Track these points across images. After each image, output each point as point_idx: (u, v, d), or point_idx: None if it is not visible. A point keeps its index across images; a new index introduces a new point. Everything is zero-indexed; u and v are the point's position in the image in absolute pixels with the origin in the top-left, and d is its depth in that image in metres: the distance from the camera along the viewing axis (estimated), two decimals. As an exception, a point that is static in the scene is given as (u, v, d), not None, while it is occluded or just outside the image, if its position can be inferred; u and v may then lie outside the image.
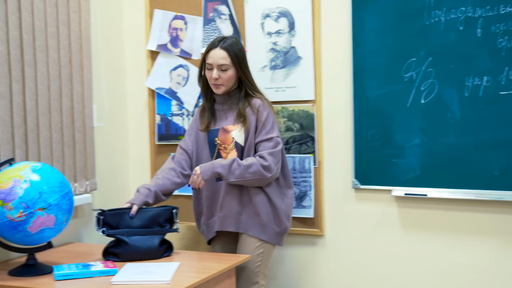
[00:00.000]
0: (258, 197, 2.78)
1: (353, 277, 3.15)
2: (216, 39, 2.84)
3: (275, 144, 2.76)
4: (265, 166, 2.72)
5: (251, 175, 2.71)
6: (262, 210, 2.79)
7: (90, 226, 3.25)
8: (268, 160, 2.72)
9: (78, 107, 3.10)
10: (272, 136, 2.77)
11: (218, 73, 2.79)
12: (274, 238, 2.83)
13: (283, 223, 2.82)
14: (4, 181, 2.41)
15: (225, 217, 2.84)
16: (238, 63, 2.80)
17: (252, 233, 2.81)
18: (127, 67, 3.60)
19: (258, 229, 2.80)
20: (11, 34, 2.71)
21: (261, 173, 2.71)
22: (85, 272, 2.42)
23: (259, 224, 2.80)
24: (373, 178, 3.04)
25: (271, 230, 2.82)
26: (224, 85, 2.81)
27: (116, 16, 3.53)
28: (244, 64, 2.83)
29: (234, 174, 2.71)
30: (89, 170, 3.16)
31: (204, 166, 2.75)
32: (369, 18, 3.01)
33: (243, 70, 2.82)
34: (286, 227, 2.85)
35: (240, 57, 2.81)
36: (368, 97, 3.04)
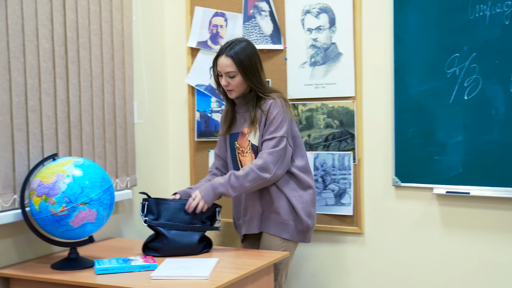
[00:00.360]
0: (277, 197, 2.78)
1: (393, 276, 3.12)
2: (225, 44, 2.81)
3: (276, 143, 2.72)
4: (261, 167, 2.69)
5: (251, 183, 2.70)
6: (281, 209, 2.78)
7: (130, 221, 3.30)
8: (264, 159, 2.69)
9: (120, 104, 3.14)
10: (275, 135, 2.73)
11: (227, 80, 2.79)
12: (296, 235, 2.82)
13: (303, 221, 2.79)
14: (48, 176, 2.46)
15: (249, 220, 2.86)
16: (243, 70, 2.76)
17: (273, 231, 2.81)
18: (167, 64, 3.63)
19: (279, 227, 2.80)
20: (55, 31, 2.76)
21: (260, 177, 2.69)
22: (125, 267, 2.45)
23: (280, 223, 2.79)
24: (414, 176, 3.00)
25: (292, 228, 2.80)
26: (235, 90, 2.81)
27: (157, 14, 3.57)
28: (251, 70, 2.77)
29: (235, 187, 2.70)
30: (129, 166, 3.20)
31: (204, 190, 2.73)
32: (411, 13, 2.97)
33: (248, 76, 2.76)
34: (308, 225, 2.81)
35: (245, 64, 2.75)
36: (410, 93, 3.00)
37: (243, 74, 2.76)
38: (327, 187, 3.19)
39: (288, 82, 3.28)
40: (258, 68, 2.80)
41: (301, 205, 2.79)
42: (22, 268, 2.55)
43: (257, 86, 2.79)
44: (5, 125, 2.52)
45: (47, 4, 2.72)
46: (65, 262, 2.55)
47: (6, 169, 2.53)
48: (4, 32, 2.52)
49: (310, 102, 3.23)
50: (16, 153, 2.57)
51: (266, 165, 2.69)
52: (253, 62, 2.78)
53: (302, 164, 2.83)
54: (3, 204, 2.51)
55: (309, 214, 2.82)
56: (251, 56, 2.78)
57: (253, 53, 2.79)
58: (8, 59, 2.54)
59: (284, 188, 2.78)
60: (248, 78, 2.76)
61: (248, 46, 2.80)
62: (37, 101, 2.67)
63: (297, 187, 2.81)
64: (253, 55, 2.79)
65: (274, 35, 3.30)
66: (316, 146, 3.22)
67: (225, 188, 2.71)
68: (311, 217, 2.83)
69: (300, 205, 2.79)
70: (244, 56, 2.76)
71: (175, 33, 3.59)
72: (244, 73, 2.75)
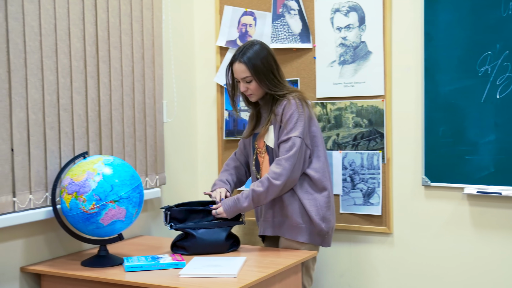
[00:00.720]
0: (290, 201, 2.76)
1: (422, 277, 3.09)
2: (237, 49, 2.80)
3: (292, 144, 2.69)
4: (276, 173, 2.67)
5: (271, 196, 2.71)
6: (294, 212, 2.75)
7: (159, 219, 3.32)
8: (282, 166, 2.67)
9: (150, 103, 3.17)
10: (290, 136, 2.70)
11: (245, 85, 2.78)
12: (313, 239, 2.78)
13: (317, 224, 2.75)
14: (78, 174, 2.49)
15: (264, 222, 2.85)
16: (257, 74, 2.74)
17: (288, 235, 2.79)
18: (196, 63, 3.65)
19: (293, 231, 2.78)
20: (87, 31, 2.79)
21: (277, 188, 2.68)
22: (154, 264, 2.47)
23: (294, 226, 2.77)
24: (444, 175, 2.97)
25: (307, 231, 2.77)
26: (254, 94, 2.80)
27: (187, 13, 3.59)
28: (265, 73, 2.75)
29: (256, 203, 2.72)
30: (159, 165, 3.23)
31: (228, 206, 2.74)
32: (442, 10, 2.94)
33: (263, 80, 2.75)
34: (322, 229, 2.76)
35: (259, 67, 2.74)
36: (440, 92, 2.96)
37: (257, 78, 2.75)
38: (356, 186, 3.18)
39: (317, 81, 3.27)
40: (273, 70, 2.78)
41: (314, 208, 2.75)
42: (53, 264, 2.59)
43: (272, 89, 2.77)
44: (37, 124, 2.56)
45: (79, 4, 2.75)
46: (95, 259, 2.58)
47: (38, 167, 2.57)
48: (37, 31, 2.56)
49: (339, 101, 3.21)
50: (48, 151, 2.61)
51: (282, 172, 2.67)
52: (266, 65, 2.76)
53: (319, 165, 2.79)
54: (35, 201, 2.55)
55: (323, 217, 2.76)
56: (265, 59, 2.76)
57: (266, 55, 2.77)
58: (41, 58, 2.58)
59: (298, 190, 2.76)
60: (262, 82, 2.75)
61: (261, 48, 2.78)
62: (69, 99, 2.71)
63: (311, 190, 2.77)
64: (266, 57, 2.77)
65: (303, 33, 3.29)
66: (345, 146, 3.20)
67: (248, 206, 2.72)
68: (326, 220, 2.77)
69: (313, 208, 2.75)
70: (257, 59, 2.74)
71: (204, 32, 3.61)
72: (258, 78, 2.74)
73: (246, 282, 2.28)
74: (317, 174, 2.77)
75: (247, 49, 2.77)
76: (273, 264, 2.52)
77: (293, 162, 2.68)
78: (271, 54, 2.80)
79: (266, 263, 2.55)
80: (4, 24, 2.42)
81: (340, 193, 3.21)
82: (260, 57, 2.75)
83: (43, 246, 2.66)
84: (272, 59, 2.79)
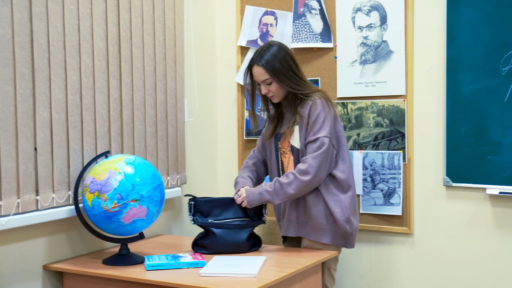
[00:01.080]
0: (314, 202, 2.75)
1: (443, 278, 3.07)
2: (255, 53, 2.79)
3: (320, 144, 2.68)
4: (302, 171, 2.67)
5: (295, 190, 2.68)
6: (318, 214, 2.74)
7: (179, 219, 3.34)
8: (308, 163, 2.66)
9: (171, 102, 3.19)
10: (318, 136, 2.69)
11: (266, 87, 2.78)
12: (336, 240, 2.78)
13: (341, 226, 2.74)
14: (100, 173, 2.52)
15: (287, 222, 2.85)
16: (277, 75, 2.73)
17: (312, 237, 2.78)
18: (217, 63, 3.66)
19: (317, 232, 2.77)
20: (109, 31, 2.82)
21: (302, 182, 2.67)
22: (175, 263, 2.49)
23: (317, 228, 2.76)
24: (466, 176, 2.95)
25: (331, 233, 2.76)
26: (276, 95, 2.80)
27: (208, 13, 3.60)
28: (284, 74, 2.73)
29: (279, 195, 2.70)
30: (179, 164, 3.25)
31: (250, 191, 2.75)
32: (465, 9, 2.92)
33: (283, 81, 2.74)
34: (346, 230, 2.75)
35: (278, 69, 2.73)
36: (462, 91, 2.94)
37: (277, 80, 2.74)
38: (376, 186, 3.16)
39: (337, 81, 3.26)
40: (292, 70, 2.77)
41: (339, 210, 2.73)
42: (75, 262, 2.62)
43: (294, 88, 2.76)
44: (60, 123, 2.59)
45: (102, 4, 2.78)
46: (116, 257, 2.60)
47: (61, 166, 2.60)
48: (61, 32, 2.59)
49: (360, 100, 3.20)
50: (70, 150, 2.64)
51: (308, 169, 2.66)
52: (285, 65, 2.75)
53: (344, 166, 2.78)
54: (57, 200, 2.58)
55: (348, 219, 2.75)
56: (283, 59, 2.75)
57: (284, 56, 2.76)
58: (64, 58, 2.60)
59: (323, 191, 2.74)
60: (284, 82, 2.74)
61: (279, 49, 2.77)
62: (91, 99, 2.73)
63: (337, 191, 2.76)
64: (284, 58, 2.75)
65: (324, 33, 3.29)
66: (366, 145, 3.19)
67: (271, 196, 2.71)
68: (350, 222, 2.75)
69: (338, 210, 2.73)
70: (275, 61, 2.73)
71: (225, 32, 3.62)
72: (278, 78, 2.73)
73: (266, 282, 2.28)
74: (343, 175, 2.76)
75: (264, 51, 2.76)
76: (293, 264, 2.52)
77: (320, 161, 2.67)
78: (289, 54, 2.79)
79: (286, 263, 2.55)
80: (28, 25, 2.45)
81: (361, 193, 3.20)
82: (278, 58, 2.74)
83: (65, 244, 2.69)
84: (291, 58, 2.78)
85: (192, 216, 2.74)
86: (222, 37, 3.64)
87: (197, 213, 2.76)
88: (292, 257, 2.65)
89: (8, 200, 2.37)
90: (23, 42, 2.43)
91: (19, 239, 2.48)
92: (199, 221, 2.74)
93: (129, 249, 2.65)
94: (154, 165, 3.02)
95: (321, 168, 2.68)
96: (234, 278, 2.33)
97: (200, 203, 2.77)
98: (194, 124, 3.44)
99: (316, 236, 2.77)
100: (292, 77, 2.75)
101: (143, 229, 2.59)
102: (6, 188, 2.37)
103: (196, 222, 2.74)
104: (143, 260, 2.58)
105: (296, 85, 2.76)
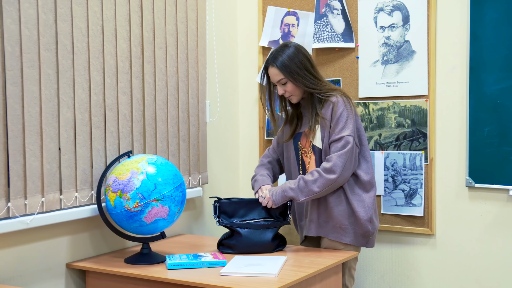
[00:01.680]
0: (337, 202, 2.74)
1: (464, 280, 3.05)
2: (269, 54, 2.81)
3: (345, 143, 2.68)
4: (327, 169, 2.66)
5: (320, 188, 2.68)
6: (340, 214, 2.74)
7: (201, 218, 3.36)
8: (333, 161, 2.66)
9: (193, 102, 3.21)
10: (342, 135, 2.69)
11: (282, 87, 2.78)
12: (357, 240, 2.77)
13: (364, 226, 2.73)
14: (123, 172, 2.54)
15: (309, 223, 2.84)
16: (291, 75, 2.73)
17: (332, 237, 2.78)
18: (239, 63, 3.67)
19: (338, 232, 2.77)
20: (132, 32, 2.84)
21: (328, 181, 2.66)
22: (196, 263, 2.50)
23: (338, 228, 2.76)
24: (489, 177, 2.92)
25: (353, 233, 2.76)
26: (293, 95, 2.80)
27: (230, 14, 3.61)
28: (299, 73, 2.73)
29: (304, 192, 2.70)
30: (201, 164, 3.26)
31: (274, 190, 2.75)
32: (489, 8, 2.89)
33: (298, 80, 2.73)
34: (368, 230, 2.75)
35: (292, 68, 2.73)
36: (485, 91, 2.92)
37: (291, 79, 2.74)
38: (398, 187, 3.15)
39: (359, 81, 3.25)
40: (308, 69, 2.76)
41: (362, 210, 2.73)
42: (97, 261, 2.65)
43: (311, 88, 2.75)
44: (84, 123, 2.62)
45: (125, 6, 2.81)
46: (138, 256, 2.63)
47: (84, 165, 2.63)
48: (85, 33, 2.62)
49: (382, 101, 3.19)
50: (93, 150, 2.67)
51: (333, 168, 2.66)
52: (299, 65, 2.74)
53: (366, 166, 2.78)
54: (80, 199, 2.62)
55: (370, 219, 2.74)
56: (297, 59, 2.74)
57: (298, 55, 2.75)
58: (88, 59, 2.63)
59: (348, 191, 2.74)
60: (298, 81, 2.74)
61: (293, 49, 2.77)
62: (114, 99, 2.76)
63: (360, 190, 2.76)
64: (298, 57, 2.75)
65: (345, 33, 3.28)
66: (387, 146, 3.18)
67: (295, 193, 2.71)
68: (372, 222, 2.76)
69: (361, 209, 2.73)
70: (289, 61, 2.73)
71: (247, 32, 3.63)
72: (293, 77, 2.73)
73: (287, 282, 2.29)
74: (367, 176, 2.76)
75: (278, 52, 2.77)
76: (313, 264, 2.52)
77: (345, 159, 2.67)
78: (304, 54, 2.79)
79: (307, 263, 2.55)
80: (53, 26, 2.49)
81: (382, 194, 3.19)
82: (292, 58, 2.74)
83: (88, 243, 2.73)
84: (305, 58, 2.77)
85: (217, 218, 2.76)
86: (244, 37, 3.65)
87: (222, 214, 2.78)
88: (312, 257, 2.65)
89: (32, 199, 2.41)
90: (48, 43, 2.47)
91: (43, 237, 2.52)
92: (225, 222, 2.75)
93: (150, 248, 2.67)
94: (176, 165, 3.04)
95: (346, 167, 2.68)
96: (254, 278, 2.34)
97: (224, 204, 2.78)
98: (216, 124, 3.46)
99: (338, 236, 2.77)
100: (307, 76, 2.75)
101: (164, 228, 2.61)
102: (31, 187, 2.40)
103: (221, 223, 2.75)
104: (164, 259, 2.60)
105: (312, 84, 2.75)
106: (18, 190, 2.36)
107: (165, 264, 2.55)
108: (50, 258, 2.56)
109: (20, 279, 2.43)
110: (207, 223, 3.38)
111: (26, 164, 2.39)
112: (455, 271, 3.07)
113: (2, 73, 2.30)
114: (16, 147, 2.35)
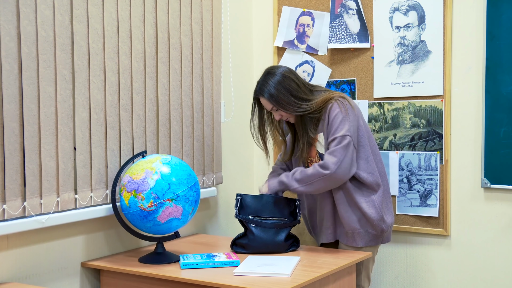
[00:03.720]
0: (346, 208, 2.74)
1: (480, 281, 3.02)
2: (257, 82, 2.82)
3: (338, 142, 2.67)
4: (321, 164, 2.68)
5: (312, 177, 2.68)
6: (351, 219, 2.74)
7: (215, 218, 3.37)
8: (325, 158, 2.68)
9: (208, 103, 3.22)
10: (335, 136, 2.68)
11: (277, 113, 2.81)
12: (372, 241, 2.77)
13: (377, 226, 2.74)
14: (137, 172, 2.56)
15: (324, 229, 2.85)
16: (280, 105, 2.74)
17: (347, 242, 2.79)
18: (254, 63, 3.67)
19: (350, 237, 2.77)
20: (147, 32, 2.86)
21: (320, 173, 2.66)
22: (209, 262, 2.51)
23: (352, 233, 2.76)
24: (505, 177, 2.90)
25: (366, 235, 2.76)
26: (290, 117, 2.82)
27: (245, 14, 3.62)
28: (286, 101, 2.72)
29: (298, 180, 2.72)
30: (215, 164, 3.27)
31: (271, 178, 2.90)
32: (506, 8, 2.87)
33: (286, 108, 2.74)
34: (382, 228, 2.76)
35: (280, 99, 2.73)
36: (502, 92, 2.89)
37: (281, 108, 2.76)
38: (413, 187, 3.14)
39: (374, 81, 3.24)
40: (295, 94, 2.74)
41: (374, 210, 2.73)
42: (112, 260, 2.66)
43: (299, 112, 2.75)
44: (99, 123, 2.64)
45: (140, 6, 2.82)
46: (152, 256, 2.64)
47: (99, 165, 2.65)
48: (101, 34, 2.64)
49: (397, 101, 3.18)
50: (108, 150, 2.69)
51: (326, 163, 2.66)
52: (285, 93, 2.73)
53: (367, 165, 2.75)
54: (95, 198, 2.64)
55: (382, 218, 2.75)
56: (281, 87, 2.74)
57: (283, 83, 2.74)
58: (104, 60, 2.65)
59: (356, 195, 2.73)
60: (287, 108, 2.75)
61: (278, 77, 2.76)
62: (129, 100, 2.78)
63: (368, 192, 2.75)
64: (283, 85, 2.74)
65: (361, 33, 3.27)
66: (402, 146, 3.17)
67: (288, 180, 2.76)
68: (384, 220, 2.76)
69: (372, 211, 2.73)
70: (275, 90, 2.74)
71: (262, 32, 3.63)
72: (281, 106, 2.75)
73: (300, 282, 2.29)
74: (371, 176, 2.74)
75: (263, 82, 2.79)
76: (327, 264, 2.52)
77: (341, 154, 2.65)
78: (290, 77, 2.77)
79: (320, 263, 2.55)
80: (69, 27, 2.51)
81: (397, 194, 3.18)
82: (277, 88, 2.74)
83: (102, 242, 2.75)
84: (292, 81, 2.76)
85: (237, 211, 2.78)
86: (259, 38, 3.65)
87: (241, 209, 2.79)
88: (326, 257, 2.65)
89: (48, 198, 2.44)
90: (64, 44, 2.49)
91: (58, 236, 2.54)
92: (240, 216, 2.77)
93: (164, 247, 2.68)
94: (190, 165, 3.05)
95: (344, 161, 2.65)
96: (267, 278, 2.34)
97: (245, 198, 2.82)
98: (231, 125, 3.47)
99: (351, 241, 2.78)
100: (294, 103, 2.74)
101: (178, 228, 2.62)
102: (46, 187, 2.43)
103: (237, 216, 2.78)
104: (178, 259, 2.61)
105: (299, 107, 2.74)
106: (33, 189, 2.38)
107: (179, 264, 2.56)
108: (65, 257, 2.58)
109: (35, 277, 2.46)
110: (221, 223, 3.39)
111: (42, 164, 2.41)
112: (470, 272, 3.05)
113: (19, 73, 2.32)
114: (32, 147, 2.37)
